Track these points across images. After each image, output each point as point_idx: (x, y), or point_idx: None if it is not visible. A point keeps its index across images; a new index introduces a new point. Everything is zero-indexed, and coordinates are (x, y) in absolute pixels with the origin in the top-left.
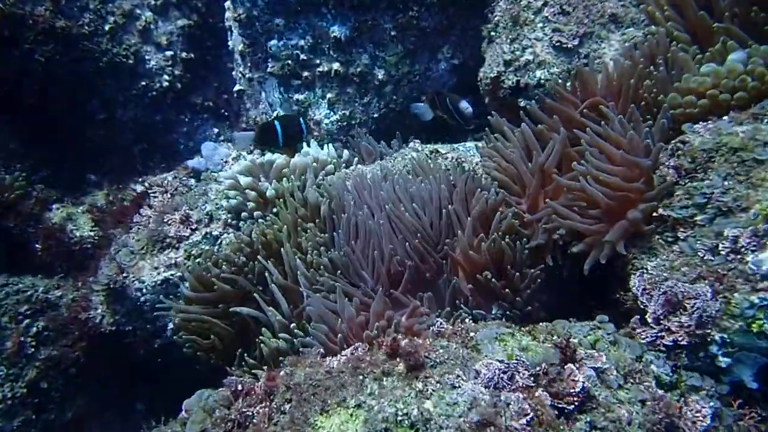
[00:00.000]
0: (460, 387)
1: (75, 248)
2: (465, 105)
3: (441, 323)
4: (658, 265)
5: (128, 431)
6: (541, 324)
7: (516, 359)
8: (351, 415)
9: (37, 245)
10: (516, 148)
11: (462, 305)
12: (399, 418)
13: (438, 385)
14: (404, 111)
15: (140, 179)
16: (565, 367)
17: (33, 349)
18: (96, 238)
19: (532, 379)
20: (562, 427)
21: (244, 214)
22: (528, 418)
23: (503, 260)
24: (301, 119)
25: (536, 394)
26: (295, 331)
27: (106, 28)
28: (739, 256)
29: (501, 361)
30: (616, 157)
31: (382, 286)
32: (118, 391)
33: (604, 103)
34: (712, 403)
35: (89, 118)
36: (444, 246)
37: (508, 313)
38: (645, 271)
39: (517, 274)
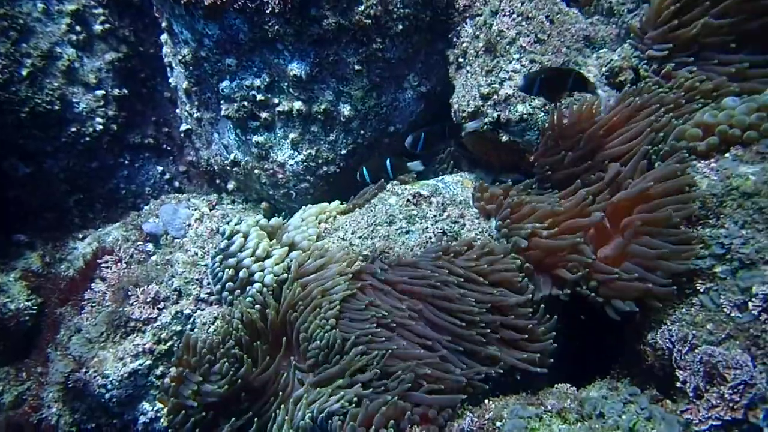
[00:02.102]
0: None
1: (10, 324)
2: None
3: (472, 419)
4: (678, 319)
5: None
6: (565, 393)
7: None
8: None
9: None
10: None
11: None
12: None
13: None
14: (372, 144)
15: (80, 235)
16: None
17: None
18: (35, 308)
19: None
20: None
21: (229, 284)
22: None
23: None
24: (387, 162)
25: None
26: None
27: (24, 73)
28: None
29: None
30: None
31: None
32: None
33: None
34: None
35: (11, 174)
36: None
37: None
38: (666, 325)
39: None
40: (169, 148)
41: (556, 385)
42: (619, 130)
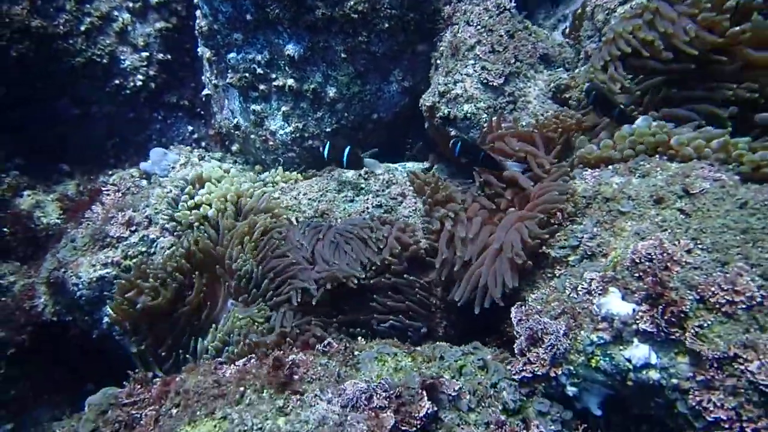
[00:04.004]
0: (315, 406)
1: (40, 235)
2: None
3: (329, 342)
4: (537, 299)
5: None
6: (427, 346)
7: (380, 381)
8: (215, 425)
9: (4, 230)
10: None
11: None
12: (254, 431)
13: (299, 402)
14: (357, 127)
15: (110, 172)
16: (420, 392)
17: None
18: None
19: (387, 401)
20: None
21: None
22: None
23: None
24: (346, 149)
25: (381, 416)
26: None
27: (82, 28)
28: (590, 297)
29: (366, 382)
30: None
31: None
32: (66, 374)
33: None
34: (552, 427)
35: (62, 113)
36: None
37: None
38: (525, 301)
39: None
40: (202, 112)
41: (438, 343)
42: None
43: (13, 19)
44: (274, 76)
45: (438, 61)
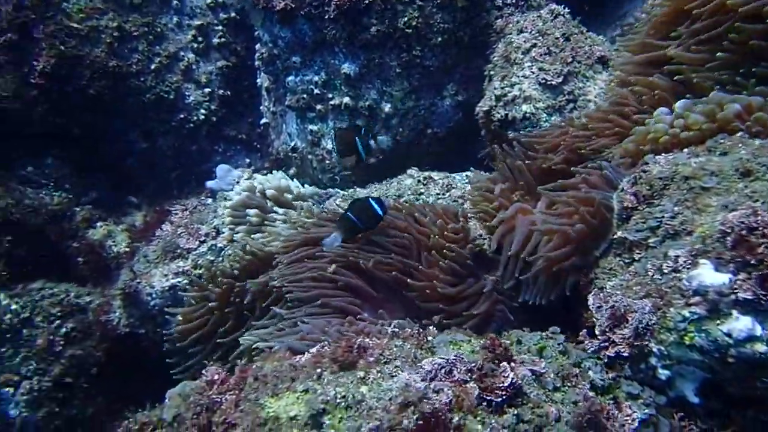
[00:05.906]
0: (397, 375)
1: (111, 263)
2: None
3: (397, 324)
4: (615, 285)
5: None
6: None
7: (458, 357)
8: (297, 397)
9: (79, 259)
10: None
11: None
12: (337, 400)
13: (378, 374)
14: (411, 143)
15: (174, 202)
16: (500, 365)
17: (61, 348)
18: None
19: (469, 374)
20: (483, 414)
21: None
22: (448, 400)
23: None
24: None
25: (466, 386)
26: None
27: (152, 67)
28: (678, 274)
29: (443, 359)
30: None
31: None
32: (139, 388)
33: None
34: (646, 410)
35: (131, 146)
36: None
37: None
38: (603, 289)
39: None
40: (258, 145)
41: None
42: None
43: (93, 61)
44: (330, 95)
45: (491, 72)
